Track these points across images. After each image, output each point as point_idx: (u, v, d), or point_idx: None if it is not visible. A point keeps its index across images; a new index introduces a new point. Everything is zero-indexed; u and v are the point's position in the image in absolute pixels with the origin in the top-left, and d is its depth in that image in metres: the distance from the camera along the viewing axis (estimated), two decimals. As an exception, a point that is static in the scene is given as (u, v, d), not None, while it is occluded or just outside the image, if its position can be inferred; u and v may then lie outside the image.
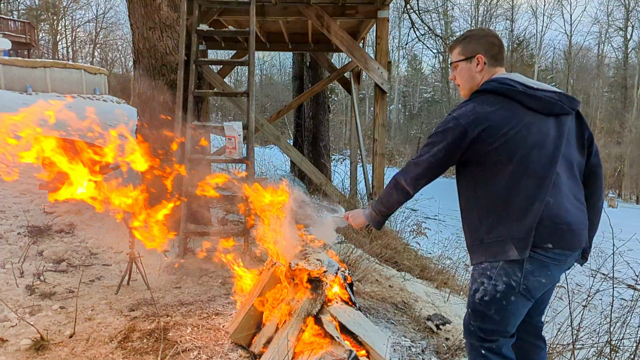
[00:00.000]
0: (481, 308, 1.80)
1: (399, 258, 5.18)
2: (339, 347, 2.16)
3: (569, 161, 1.80)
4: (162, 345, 2.50)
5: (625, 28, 35.85)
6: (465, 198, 1.87)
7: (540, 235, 1.70)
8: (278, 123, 23.62)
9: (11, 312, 2.81)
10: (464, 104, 1.80)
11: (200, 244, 4.44)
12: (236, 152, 4.48)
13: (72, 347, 2.52)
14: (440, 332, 3.10)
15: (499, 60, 1.88)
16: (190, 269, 3.95)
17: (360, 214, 2.14)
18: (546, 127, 1.74)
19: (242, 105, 6.86)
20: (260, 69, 37.40)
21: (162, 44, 4.55)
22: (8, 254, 3.95)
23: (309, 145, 11.96)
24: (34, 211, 5.19)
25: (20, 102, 13.55)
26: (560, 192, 1.74)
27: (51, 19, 32.83)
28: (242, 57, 8.90)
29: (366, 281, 3.98)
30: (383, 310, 3.38)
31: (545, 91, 1.77)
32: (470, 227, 1.84)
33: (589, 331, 3.08)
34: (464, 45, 1.90)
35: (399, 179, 1.87)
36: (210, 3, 5.27)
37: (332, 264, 2.49)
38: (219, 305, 3.14)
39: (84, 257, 4.14)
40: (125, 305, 3.13)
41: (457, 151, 1.76)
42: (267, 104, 30.95)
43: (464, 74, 1.91)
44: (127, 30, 28.67)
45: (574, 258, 1.83)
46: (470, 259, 1.87)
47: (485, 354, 1.81)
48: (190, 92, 4.53)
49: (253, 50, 4.66)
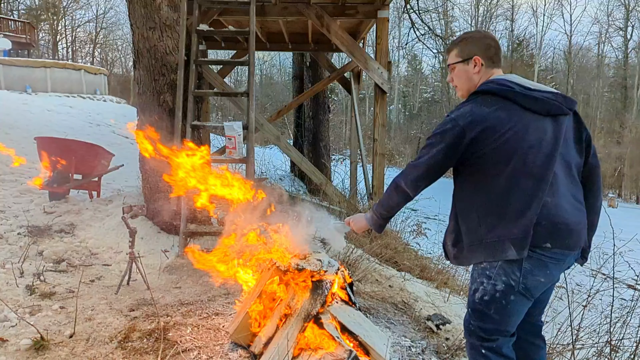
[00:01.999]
0: (481, 307, 1.81)
1: (399, 258, 5.18)
2: (339, 347, 2.16)
3: (567, 161, 1.81)
4: (162, 345, 2.50)
5: (625, 28, 35.87)
6: (463, 199, 1.88)
7: (539, 235, 1.71)
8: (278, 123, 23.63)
9: (11, 312, 2.81)
10: (462, 105, 1.82)
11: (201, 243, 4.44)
12: (236, 152, 4.48)
13: (72, 347, 2.52)
14: (440, 332, 3.10)
15: (496, 62, 1.90)
16: (190, 269, 3.94)
17: (361, 218, 2.14)
18: (543, 127, 1.75)
19: (242, 105, 6.86)
20: (260, 69, 37.42)
21: (162, 44, 4.55)
22: (8, 254, 3.95)
23: (309, 145, 11.96)
24: (34, 211, 5.19)
25: (20, 102, 13.56)
26: (558, 192, 1.75)
27: (51, 19, 32.85)
28: (242, 57, 8.90)
29: (366, 281, 3.97)
30: (383, 310, 3.38)
31: (542, 92, 1.78)
32: (469, 228, 1.84)
33: (589, 331, 3.08)
34: (460, 48, 1.92)
35: (399, 182, 1.88)
36: (210, 3, 5.27)
37: (332, 264, 2.49)
38: (219, 305, 3.14)
39: (84, 257, 4.14)
40: (125, 305, 3.13)
41: (456, 153, 1.77)
42: (267, 104, 30.96)
43: (461, 76, 1.93)
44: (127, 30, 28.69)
45: (573, 257, 1.84)
46: (468, 259, 1.88)
47: (485, 353, 1.82)
48: (190, 92, 4.53)
49: (253, 50, 4.66)
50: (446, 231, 1.98)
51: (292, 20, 7.22)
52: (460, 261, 1.93)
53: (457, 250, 1.91)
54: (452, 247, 1.92)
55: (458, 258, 1.92)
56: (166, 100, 4.60)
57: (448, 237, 1.95)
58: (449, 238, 1.94)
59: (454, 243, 1.91)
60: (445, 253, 2.02)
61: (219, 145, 9.38)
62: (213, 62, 6.86)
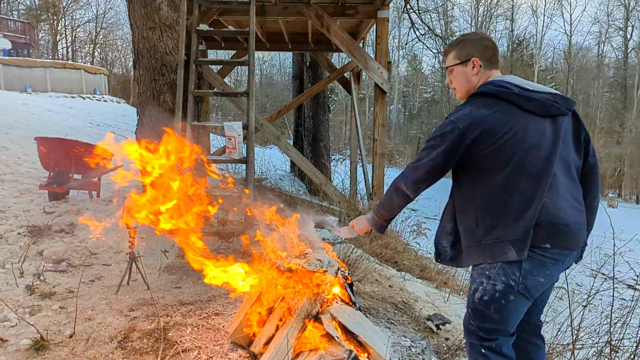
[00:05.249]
0: (481, 307, 1.81)
1: (399, 258, 5.18)
2: (339, 347, 2.16)
3: (566, 162, 1.81)
4: (162, 345, 2.50)
5: (625, 28, 35.87)
6: (461, 200, 1.88)
7: (538, 236, 1.71)
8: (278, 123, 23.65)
9: (11, 312, 2.81)
10: (461, 107, 1.82)
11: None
12: (236, 152, 4.48)
13: (72, 347, 2.52)
14: (440, 332, 3.09)
15: (494, 63, 1.91)
16: (191, 268, 3.94)
17: (363, 220, 2.14)
18: (542, 128, 1.75)
19: (242, 105, 6.85)
20: (260, 69, 37.41)
21: (162, 44, 4.55)
22: (8, 254, 3.96)
23: (309, 145, 11.97)
24: (34, 211, 5.19)
25: (20, 102, 13.55)
26: (558, 193, 1.75)
27: (51, 19, 32.82)
28: (242, 57, 8.90)
29: (366, 281, 3.97)
30: (383, 310, 3.38)
31: (541, 92, 1.78)
32: (467, 229, 1.85)
33: (589, 331, 3.08)
34: (458, 50, 1.92)
35: (399, 183, 1.89)
36: (210, 3, 5.27)
37: (332, 264, 2.49)
38: (219, 305, 3.14)
39: (84, 257, 4.14)
40: (125, 305, 3.13)
41: (456, 154, 1.77)
42: (267, 104, 30.96)
43: (460, 78, 1.94)
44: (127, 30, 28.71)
45: (572, 257, 1.85)
46: (466, 261, 1.88)
47: (485, 352, 1.82)
48: (190, 92, 4.53)
49: (253, 50, 4.66)
50: (441, 232, 1.97)
51: (292, 20, 7.22)
52: (458, 263, 1.93)
53: (455, 251, 1.90)
54: (450, 248, 1.92)
55: (455, 260, 1.92)
56: (166, 100, 4.60)
57: (444, 238, 1.95)
58: (446, 239, 1.94)
59: (452, 244, 1.91)
60: (437, 254, 2.00)
61: (218, 146, 9.37)
62: (213, 62, 6.86)
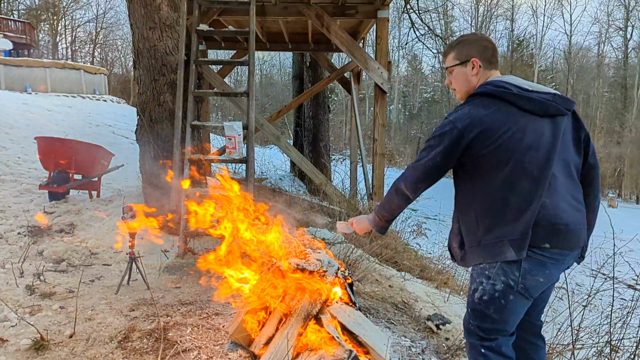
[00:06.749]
0: (480, 307, 1.81)
1: (399, 258, 5.18)
2: (339, 347, 2.16)
3: (565, 161, 1.81)
4: (162, 345, 2.50)
5: (625, 28, 35.88)
6: (462, 200, 1.89)
7: (538, 236, 1.71)
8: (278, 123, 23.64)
9: (11, 312, 2.81)
10: (460, 107, 1.83)
11: (201, 243, 4.44)
12: (236, 152, 4.48)
13: (72, 347, 2.52)
14: (440, 332, 3.09)
15: (493, 63, 1.91)
16: (190, 268, 3.94)
17: (364, 220, 2.14)
18: (541, 128, 1.76)
19: (242, 105, 6.85)
20: (260, 69, 37.41)
21: (162, 44, 4.55)
22: (8, 254, 3.96)
23: (309, 145, 11.96)
24: (34, 211, 5.19)
25: (20, 102, 13.56)
26: (557, 193, 1.75)
27: (51, 19, 32.83)
28: (242, 57, 8.90)
29: (366, 281, 3.97)
30: (383, 310, 3.38)
31: (540, 92, 1.78)
32: (468, 229, 1.85)
33: (589, 331, 3.08)
34: (458, 50, 1.93)
35: (399, 184, 1.89)
36: (210, 3, 5.27)
37: (332, 264, 2.49)
38: (219, 305, 3.13)
39: (84, 257, 4.14)
40: (125, 305, 3.13)
41: (455, 155, 1.78)
42: (267, 104, 30.96)
43: (459, 78, 1.94)
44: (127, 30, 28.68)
45: (572, 257, 1.85)
46: (470, 261, 1.88)
47: (485, 352, 1.82)
48: (190, 92, 4.53)
49: (253, 50, 4.66)
50: (451, 233, 1.98)
51: (292, 20, 7.22)
52: (466, 262, 1.92)
53: (463, 252, 1.90)
54: (459, 249, 1.92)
55: (465, 259, 1.92)
56: (166, 100, 4.60)
57: (454, 239, 1.95)
58: (455, 240, 1.94)
59: (460, 245, 1.91)
60: (451, 255, 2.02)
61: (219, 145, 9.37)
62: (213, 62, 6.86)
